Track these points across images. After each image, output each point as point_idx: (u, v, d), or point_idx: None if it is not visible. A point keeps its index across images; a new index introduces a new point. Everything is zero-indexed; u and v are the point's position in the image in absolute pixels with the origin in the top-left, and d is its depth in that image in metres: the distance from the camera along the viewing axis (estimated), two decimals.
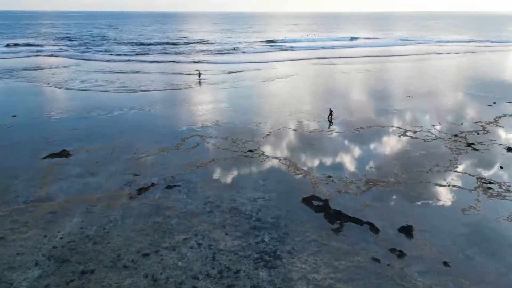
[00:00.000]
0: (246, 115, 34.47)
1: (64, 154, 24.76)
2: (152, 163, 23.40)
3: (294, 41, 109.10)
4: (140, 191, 19.72)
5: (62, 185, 20.36)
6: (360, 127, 30.79)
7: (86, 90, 44.00)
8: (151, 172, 22.02)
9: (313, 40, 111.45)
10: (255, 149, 25.73)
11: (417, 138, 28.26)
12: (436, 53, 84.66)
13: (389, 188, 20.13)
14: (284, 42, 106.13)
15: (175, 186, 20.28)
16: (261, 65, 65.00)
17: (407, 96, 41.82)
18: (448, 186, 20.40)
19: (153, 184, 20.45)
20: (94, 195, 19.22)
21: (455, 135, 28.68)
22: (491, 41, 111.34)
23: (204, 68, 60.58)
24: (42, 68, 59.50)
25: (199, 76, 50.53)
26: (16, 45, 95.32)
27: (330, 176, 21.56)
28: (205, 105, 38.19)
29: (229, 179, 21.26)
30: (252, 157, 24.34)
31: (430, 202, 18.71)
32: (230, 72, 56.88)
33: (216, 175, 21.69)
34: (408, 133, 29.31)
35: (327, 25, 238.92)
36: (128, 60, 68.82)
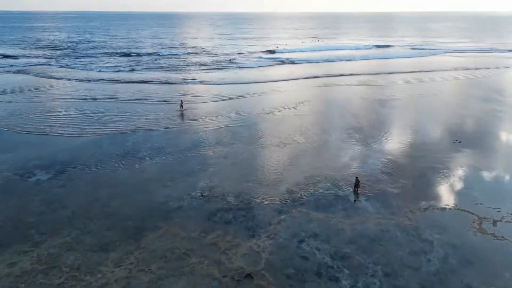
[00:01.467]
0: (242, 181, 24.73)
1: None
2: None
3: (297, 51, 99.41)
4: None
5: None
6: (409, 210, 21.02)
7: (31, 132, 33.96)
8: None
9: (318, 50, 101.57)
10: (255, 271, 16.00)
11: (502, 238, 18.49)
12: (466, 69, 72.74)
13: None
14: (286, 52, 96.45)
15: None
16: (263, 86, 55.16)
17: (453, 141, 32.04)
18: None
19: None
20: None
21: None
22: None
23: (195, 92, 50.86)
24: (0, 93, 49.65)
25: (181, 107, 41.01)
26: None
27: None
28: (185, 159, 28.41)
29: None
30: None
31: None
32: (225, 99, 47.03)
33: None
34: (485, 225, 19.54)
35: (330, 29, 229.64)
36: (108, 80, 58.95)
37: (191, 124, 36.91)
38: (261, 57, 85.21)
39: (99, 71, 68.31)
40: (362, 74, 66.17)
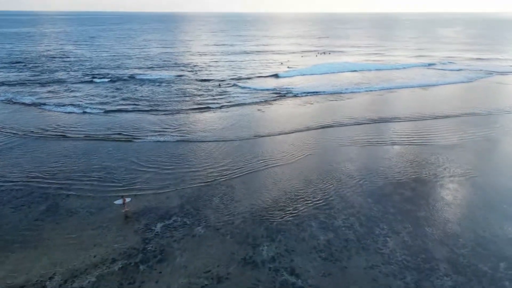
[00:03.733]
0: None
1: None
2: None
3: (307, 73, 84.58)
4: None
5: None
6: None
7: None
8: None
9: (329, 72, 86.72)
10: None
11: None
12: None
13: None
14: (291, 76, 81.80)
15: None
16: (260, 144, 40.38)
17: None
18: None
19: None
20: None
21: None
22: None
23: (164, 163, 36.06)
24: None
25: (124, 204, 26.72)
26: None
27: None
28: None
29: None
30: None
31: None
32: (204, 183, 32.07)
33: None
34: None
35: (336, 37, 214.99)
36: (55, 131, 44.30)
37: (145, 255, 22.17)
38: (261, 88, 70.28)
39: (55, 110, 53.88)
40: (399, 119, 50.54)
